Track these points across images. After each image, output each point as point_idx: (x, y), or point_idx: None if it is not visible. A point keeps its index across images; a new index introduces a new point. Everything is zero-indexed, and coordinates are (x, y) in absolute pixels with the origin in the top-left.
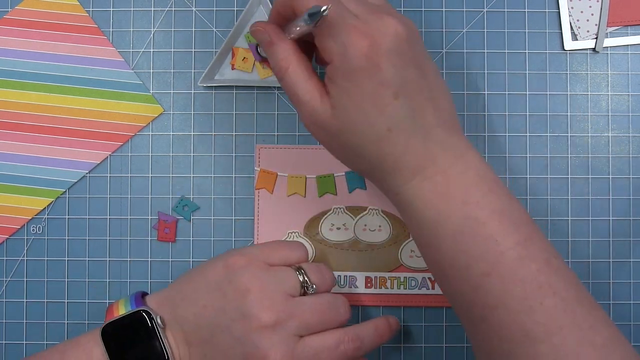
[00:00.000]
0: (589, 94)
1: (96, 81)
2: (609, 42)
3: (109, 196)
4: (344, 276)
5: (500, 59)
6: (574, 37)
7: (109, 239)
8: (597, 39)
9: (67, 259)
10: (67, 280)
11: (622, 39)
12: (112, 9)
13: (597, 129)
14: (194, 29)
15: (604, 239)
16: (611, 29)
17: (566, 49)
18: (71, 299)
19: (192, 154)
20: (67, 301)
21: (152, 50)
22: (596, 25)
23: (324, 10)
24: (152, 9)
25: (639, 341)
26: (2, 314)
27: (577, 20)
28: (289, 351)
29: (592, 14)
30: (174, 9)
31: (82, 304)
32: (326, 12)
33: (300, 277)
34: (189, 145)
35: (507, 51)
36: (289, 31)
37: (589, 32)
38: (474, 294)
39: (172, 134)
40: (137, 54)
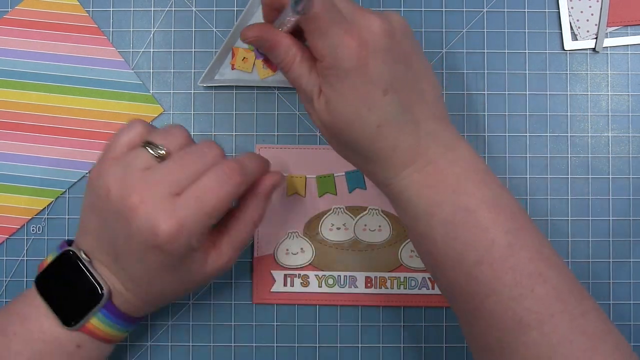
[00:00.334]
0: (589, 94)
1: (96, 81)
2: (609, 42)
3: None
4: (344, 276)
5: (500, 59)
6: (574, 37)
7: None
8: (597, 39)
9: None
10: None
11: (622, 39)
12: (112, 9)
13: (597, 129)
14: (194, 29)
15: (604, 239)
16: (611, 29)
17: (566, 49)
18: None
19: None
20: None
21: (152, 50)
22: (596, 25)
23: None
24: (152, 9)
25: (639, 341)
26: None
27: (577, 20)
28: (170, 212)
29: (592, 14)
30: (174, 9)
31: None
32: None
33: (148, 149)
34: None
35: (507, 51)
36: (282, 24)
37: (589, 32)
38: (467, 284)
39: None
40: (137, 54)
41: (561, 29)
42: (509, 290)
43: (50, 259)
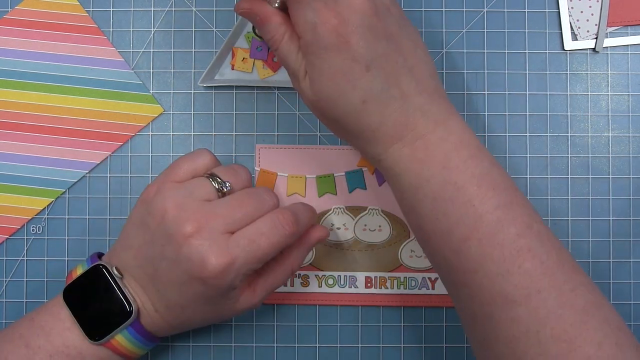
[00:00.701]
0: (589, 94)
1: (96, 81)
2: (609, 42)
3: (109, 196)
4: (344, 276)
5: (500, 59)
6: (574, 37)
7: (108, 239)
8: (597, 39)
9: (67, 259)
10: None
11: (622, 39)
12: (112, 9)
13: (597, 129)
14: (194, 29)
15: (604, 239)
16: (611, 29)
17: (566, 49)
18: None
19: None
20: None
21: (152, 50)
22: (596, 25)
23: None
24: (152, 9)
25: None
26: (2, 314)
27: (577, 20)
28: (223, 249)
29: (592, 14)
30: (174, 9)
31: None
32: None
33: (212, 182)
34: (189, 145)
35: (507, 51)
36: (273, 0)
37: (589, 32)
38: (456, 259)
39: (172, 134)
40: (137, 54)
41: (561, 29)
42: (496, 266)
43: (79, 271)
